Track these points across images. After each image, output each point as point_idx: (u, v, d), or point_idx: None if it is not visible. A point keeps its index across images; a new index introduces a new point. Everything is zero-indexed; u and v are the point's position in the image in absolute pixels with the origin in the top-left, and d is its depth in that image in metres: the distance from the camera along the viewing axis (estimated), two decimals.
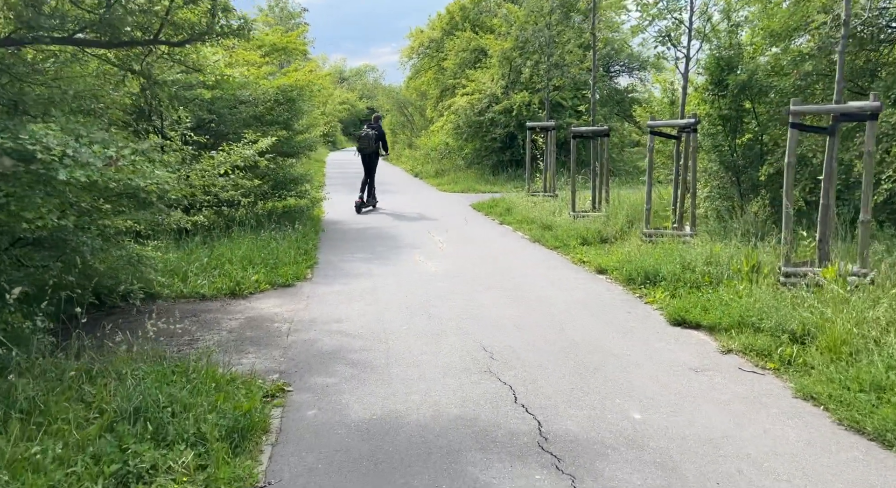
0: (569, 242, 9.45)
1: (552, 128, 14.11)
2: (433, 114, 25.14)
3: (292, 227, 10.75)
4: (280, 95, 10.61)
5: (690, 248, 7.64)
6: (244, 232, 9.64)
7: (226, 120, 9.98)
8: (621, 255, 8.01)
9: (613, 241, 9.52)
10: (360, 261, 8.82)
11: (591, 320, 5.87)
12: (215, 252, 8.25)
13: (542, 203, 13.38)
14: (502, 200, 14.34)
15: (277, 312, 6.34)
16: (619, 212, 10.45)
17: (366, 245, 10.03)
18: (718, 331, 5.33)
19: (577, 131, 11.34)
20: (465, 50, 22.74)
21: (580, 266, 8.27)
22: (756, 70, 8.26)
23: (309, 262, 8.52)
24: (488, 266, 8.29)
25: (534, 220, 11.61)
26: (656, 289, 6.64)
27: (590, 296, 6.70)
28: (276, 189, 11.36)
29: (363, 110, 60.92)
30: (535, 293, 6.88)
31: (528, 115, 18.71)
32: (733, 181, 9.00)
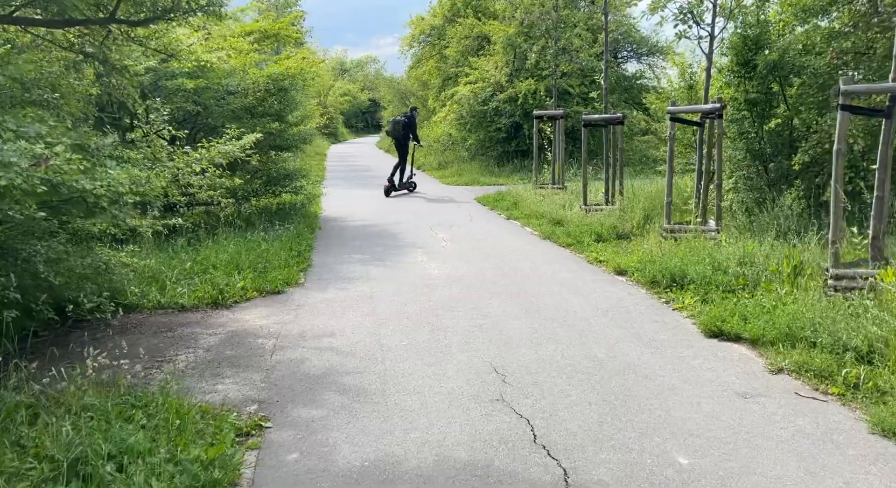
0: (582, 239, 8.76)
1: (560, 116, 13.39)
2: (435, 103, 24.40)
3: (286, 226, 10.10)
4: (271, 85, 9.92)
5: (719, 246, 6.95)
6: (232, 232, 8.99)
7: (213, 112, 9.30)
8: (642, 254, 7.32)
9: (631, 238, 8.82)
10: (357, 262, 8.16)
11: (615, 331, 5.19)
12: (200, 255, 7.60)
13: (551, 196, 12.68)
14: (508, 193, 13.65)
15: (263, 325, 5.68)
16: (634, 206, 9.75)
17: (364, 244, 9.36)
18: (763, 344, 4.65)
19: (588, 119, 10.62)
20: (468, 37, 21.96)
21: (597, 266, 7.58)
22: (787, 48, 7.52)
23: (302, 265, 7.86)
24: (496, 267, 7.62)
25: (543, 215, 10.92)
26: (684, 294, 5.96)
27: (611, 302, 6.02)
28: (269, 185, 10.70)
29: (365, 102, 60.14)
30: (550, 299, 6.20)
31: (533, 103, 17.96)
32: (760, 171, 8.29)
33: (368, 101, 59.01)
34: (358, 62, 71.48)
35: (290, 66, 9.80)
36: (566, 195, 12.59)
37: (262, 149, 10.61)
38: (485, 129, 19.74)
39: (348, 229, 10.77)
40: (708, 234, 7.67)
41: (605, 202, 10.89)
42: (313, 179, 18.65)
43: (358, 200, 14.49)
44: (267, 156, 10.67)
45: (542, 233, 9.70)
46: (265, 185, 10.55)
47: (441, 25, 24.04)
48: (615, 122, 10.44)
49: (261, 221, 9.83)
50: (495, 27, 19.22)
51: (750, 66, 7.91)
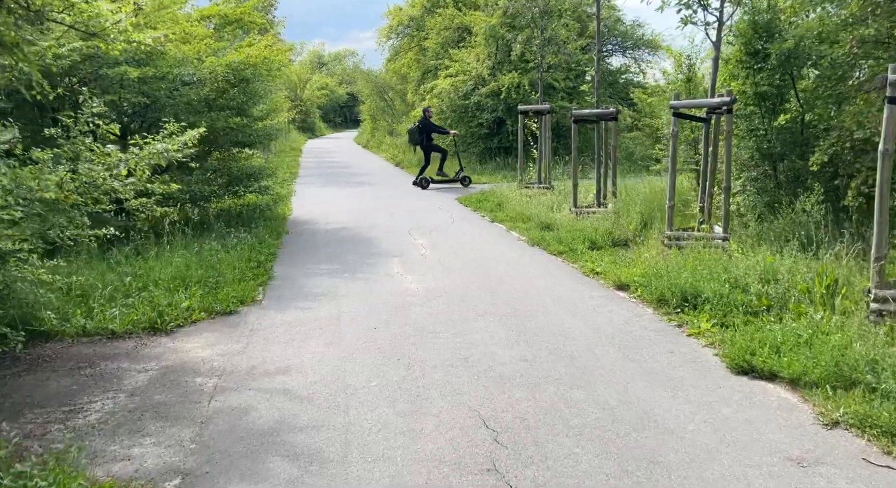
0: (575, 246, 7.96)
1: (547, 111, 12.58)
2: (414, 98, 23.47)
3: (248, 231, 9.16)
4: (231, 75, 8.94)
5: (732, 258, 6.17)
6: (185, 240, 8.03)
7: (164, 105, 8.31)
8: (644, 266, 6.52)
9: (629, 245, 8.03)
10: (325, 274, 7.26)
11: (625, 366, 4.37)
12: (142, 268, 6.65)
13: (538, 196, 11.88)
14: (492, 193, 12.81)
15: (206, 358, 4.77)
16: (630, 209, 8.97)
17: (335, 252, 8.46)
18: (806, 385, 3.86)
19: (579, 115, 9.81)
20: (448, 28, 21.05)
21: (593, 279, 6.77)
22: (804, 36, 6.76)
23: (261, 279, 6.95)
24: (481, 280, 6.78)
25: (530, 218, 10.11)
26: (698, 316, 5.16)
27: (615, 326, 5.21)
28: (231, 185, 9.73)
29: (343, 96, 58.93)
30: (544, 321, 5.37)
31: (517, 97, 17.13)
32: (769, 171, 7.54)
33: (347, 95, 57.82)
34: (336, 55, 70.17)
35: (251, 54, 8.83)
36: (553, 195, 11.79)
37: (221, 146, 9.65)
38: (466, 125, 18.87)
39: (319, 234, 9.85)
40: (714, 242, 6.91)
41: (597, 204, 10.11)
42: (285, 177, 17.68)
43: (332, 200, 13.56)
44: (228, 153, 9.70)
45: (530, 238, 8.88)
46: (226, 186, 9.57)
47: (420, 16, 23.09)
48: (608, 117, 9.64)
49: (219, 226, 8.88)
50: (477, 17, 18.35)
51: (760, 56, 7.14)
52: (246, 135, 9.72)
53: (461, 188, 14.96)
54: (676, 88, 9.38)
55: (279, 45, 9.57)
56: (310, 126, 48.01)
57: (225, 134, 9.41)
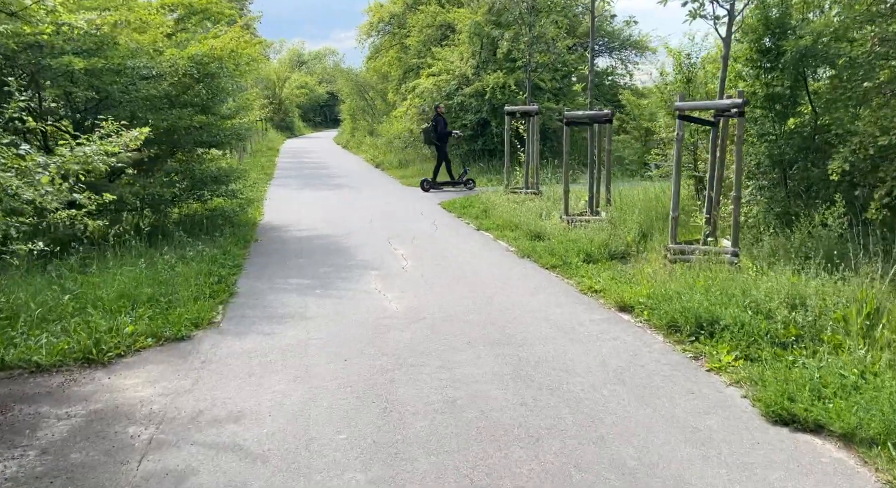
0: (569, 259, 7.31)
1: (535, 112, 11.94)
2: (395, 97, 22.74)
3: (212, 240, 8.40)
4: (193, 69, 8.16)
5: (746, 276, 5.56)
6: (141, 248, 7.25)
7: (117, 101, 7.51)
8: (649, 285, 5.88)
9: (627, 258, 7.41)
10: (295, 291, 6.53)
11: (640, 412, 3.71)
12: (86, 285, 5.86)
13: (525, 202, 11.24)
14: (477, 198, 12.14)
15: (145, 398, 4.03)
16: (627, 218, 8.35)
17: (307, 264, 7.72)
18: (863, 442, 3.23)
19: (572, 116, 9.18)
20: (430, 26, 20.35)
21: (592, 297, 6.12)
22: (822, 32, 6.18)
23: (222, 296, 6.20)
24: (468, 298, 6.09)
25: (518, 226, 9.46)
26: (717, 346, 4.53)
27: (623, 358, 4.55)
28: (194, 189, 8.94)
29: (323, 95, 57.90)
30: (541, 350, 4.70)
31: (502, 98, 16.48)
32: (779, 179, 6.97)
33: (327, 95, 56.82)
34: (316, 54, 69.13)
35: (215, 47, 8.05)
36: (542, 201, 11.16)
37: (184, 146, 8.86)
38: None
39: (291, 242, 9.10)
40: (723, 256, 6.30)
41: (590, 211, 9.48)
42: (259, 178, 16.88)
43: (308, 204, 12.80)
44: (191, 154, 8.91)
45: (519, 249, 8.21)
46: (189, 190, 8.78)
47: (402, 13, 22.35)
48: (602, 119, 9.02)
49: (180, 234, 8.08)
50: (461, 15, 17.67)
51: (772, 54, 6.56)
52: (212, 135, 8.94)
53: (445, 192, 14.28)
54: (675, 89, 8.78)
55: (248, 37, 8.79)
56: (288, 125, 47.00)
57: (188, 133, 8.63)
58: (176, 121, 8.16)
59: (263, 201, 13.13)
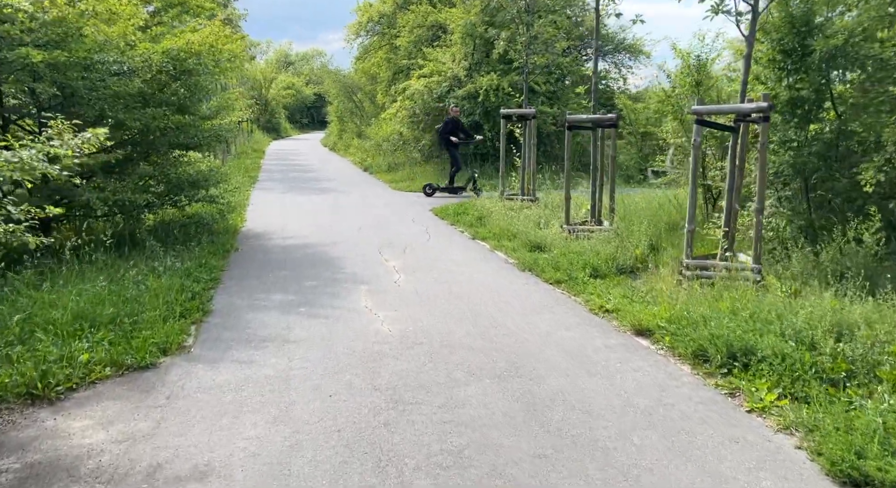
0: (574, 273, 6.78)
1: (532, 115, 11.43)
2: (384, 99, 22.15)
3: (188, 249, 7.77)
4: (169, 65, 7.53)
5: (771, 296, 5.05)
6: (108, 258, 6.62)
7: (84, 98, 6.87)
8: (667, 305, 5.35)
9: (637, 273, 6.90)
10: (276, 308, 5.93)
11: (681, 467, 3.16)
12: (40, 303, 5.22)
13: (522, 209, 10.71)
14: (472, 205, 11.60)
15: (94, 447, 3.42)
16: (634, 229, 7.83)
17: (292, 276, 7.12)
18: None
19: (574, 120, 8.65)
20: (421, 26, 19.80)
21: (604, 318, 5.57)
22: (853, 31, 5.70)
23: (196, 315, 5.58)
24: (468, 318, 5.53)
25: (516, 235, 8.92)
26: (755, 381, 4.00)
27: (648, 393, 4.01)
28: (170, 194, 8.30)
29: (311, 96, 57.14)
30: (555, 385, 4.15)
31: (496, 101, 15.98)
32: (802, 189, 6.48)
33: (314, 96, 56.10)
34: (304, 55, 68.39)
35: (193, 41, 7.43)
36: (539, 209, 10.63)
37: (158, 149, 8.22)
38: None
39: (274, 251, 8.49)
40: (745, 274, 5.79)
41: (592, 221, 8.96)
42: (242, 182, 16.21)
43: (293, 209, 12.18)
44: (167, 157, 8.27)
45: (519, 261, 7.66)
46: (164, 195, 8.14)
47: (392, 13, 21.78)
48: (606, 123, 8.50)
49: (153, 244, 7.45)
50: (453, 14, 17.13)
51: (797, 55, 6.07)
52: (189, 137, 8.31)
53: (434, 197, 13.71)
54: (683, 92, 8.29)
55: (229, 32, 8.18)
56: (275, 126, 46.21)
57: (163, 134, 8.00)
58: (150, 121, 7.53)
59: (246, 206, 12.49)
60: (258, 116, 43.75)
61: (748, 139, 6.07)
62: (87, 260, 6.48)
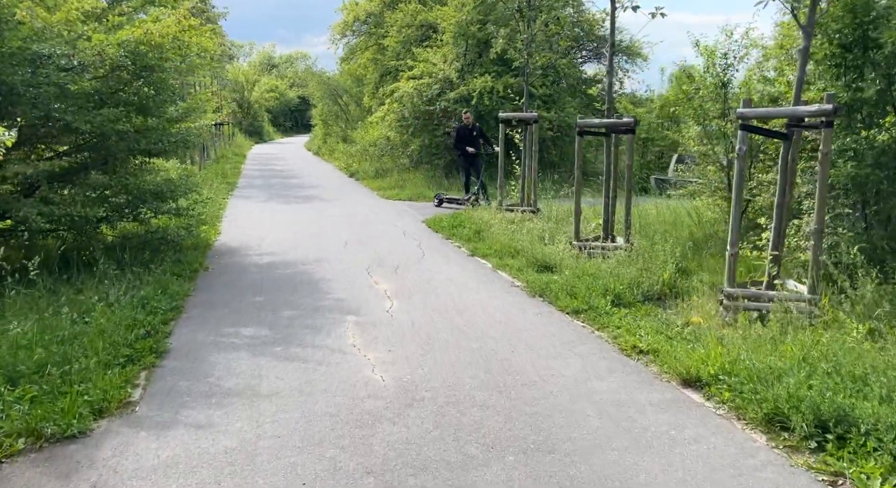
0: (594, 301, 5.88)
1: (534, 120, 10.55)
2: (371, 102, 21.19)
3: (149, 270, 6.77)
4: (127, 59, 6.54)
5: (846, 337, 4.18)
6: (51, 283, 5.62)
7: (24, 98, 5.86)
8: (719, 349, 4.44)
9: (664, 301, 6.02)
10: (247, 346, 4.95)
11: None
12: None
13: (524, 222, 9.81)
14: (468, 217, 10.68)
15: None
16: (658, 249, 6.94)
17: (267, 303, 6.15)
18: None
19: (586, 125, 7.77)
20: (410, 26, 18.88)
21: (640, 362, 4.66)
22: None
23: (147, 358, 4.60)
24: (477, 361, 4.60)
25: (520, 251, 8.02)
26: (861, 462, 3.11)
27: (722, 481, 3.09)
28: (130, 207, 7.29)
29: (294, 99, 55.97)
30: (601, 466, 3.22)
31: (490, 104, 15.09)
32: (860, 205, 5.63)
33: (298, 99, 54.95)
34: (287, 57, 67.16)
35: (151, 31, 6.45)
36: (542, 221, 9.73)
37: (116, 155, 7.21)
38: (430, 133, 16.72)
39: (249, 271, 7.50)
40: (799, 306, 4.92)
41: (605, 237, 8.06)
42: (219, 189, 15.18)
43: (273, 220, 11.19)
44: (125, 164, 7.26)
45: (528, 284, 6.75)
46: (122, 208, 7.14)
47: (379, 12, 20.84)
48: (623, 128, 7.63)
49: (108, 264, 6.44)
50: (445, 13, 16.22)
51: (859, 49, 5.23)
52: (152, 142, 7.30)
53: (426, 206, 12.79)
54: (707, 95, 7.44)
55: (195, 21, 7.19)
56: (258, 130, 45.08)
57: (123, 139, 6.99)
58: (105, 124, 6.54)
59: (222, 216, 11.48)
60: (240, 120, 42.59)
61: (804, 147, 5.21)
62: (24, 286, 5.45)
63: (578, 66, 20.01)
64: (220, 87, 30.50)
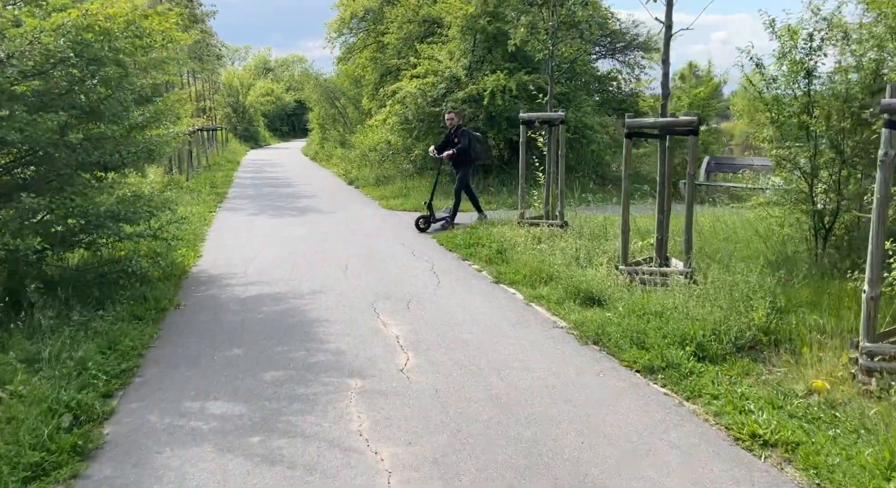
0: (670, 353, 4.51)
1: (560, 120, 9.18)
2: (371, 104, 19.81)
3: (104, 310, 5.40)
4: (69, 50, 5.16)
5: None
6: None
7: None
8: (888, 446, 3.06)
9: (760, 350, 4.63)
10: (212, 437, 3.57)
11: None
12: None
13: (552, 238, 8.44)
14: (485, 232, 9.30)
15: None
16: (739, 279, 5.53)
17: (246, 359, 4.76)
18: None
19: (636, 125, 6.37)
20: (412, 21, 17.51)
21: (772, 464, 3.27)
22: None
23: (62, 470, 3.21)
24: (536, 467, 3.22)
25: (553, 277, 6.69)
26: None
27: None
28: (78, 234, 5.91)
29: (291, 103, 54.56)
30: None
31: (502, 104, 13.71)
32: None
33: (295, 103, 53.55)
34: (283, 61, 65.88)
35: (93, 13, 5.06)
36: (572, 238, 8.34)
37: (60, 170, 5.82)
38: (436, 137, 15.30)
39: (229, 310, 6.12)
40: None
41: (659, 259, 6.67)
42: (208, 200, 13.80)
43: (264, 237, 9.80)
44: (72, 182, 5.86)
45: (574, 325, 5.37)
46: (70, 235, 5.75)
47: (378, 7, 19.46)
48: (682, 129, 6.24)
49: (45, 311, 5.06)
50: (451, 6, 14.83)
51: None
52: (106, 153, 5.92)
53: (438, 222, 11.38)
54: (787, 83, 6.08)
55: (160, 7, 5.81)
56: (253, 135, 43.65)
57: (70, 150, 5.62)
58: (40, 132, 5.16)
59: (205, 234, 10.10)
60: (235, 124, 41.17)
61: None
62: None
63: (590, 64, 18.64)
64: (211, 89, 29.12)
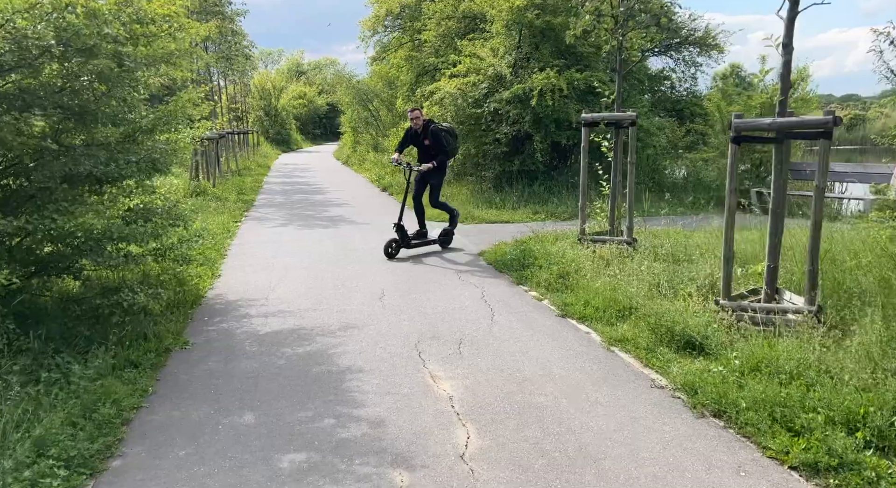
0: (833, 439, 3.24)
1: (630, 121, 7.93)
2: (406, 106, 18.73)
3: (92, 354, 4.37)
4: (49, 35, 4.16)
5: None
6: None
7: None
8: None
9: None
10: None
11: None
12: None
13: (622, 259, 7.20)
14: (540, 248, 8.07)
15: None
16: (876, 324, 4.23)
17: (257, 433, 3.65)
18: None
19: (746, 126, 5.08)
20: (451, 17, 16.39)
21: None
22: None
23: None
24: None
25: (632, 309, 5.51)
26: None
27: None
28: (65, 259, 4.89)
29: (323, 106, 54.05)
30: None
31: (553, 105, 12.47)
32: None
33: (327, 106, 53.01)
34: (316, 64, 65.51)
35: None
36: (647, 259, 7.09)
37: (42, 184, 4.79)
38: (477, 140, 14.17)
39: (244, 353, 5.03)
40: None
41: (772, 294, 5.36)
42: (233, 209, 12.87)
43: (290, 254, 8.75)
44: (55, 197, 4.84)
45: (682, 387, 4.15)
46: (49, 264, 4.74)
47: (415, 4, 18.40)
48: (810, 131, 4.94)
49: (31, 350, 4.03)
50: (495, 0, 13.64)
51: None
52: (99, 162, 4.88)
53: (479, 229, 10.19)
54: None
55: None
56: (285, 138, 43.13)
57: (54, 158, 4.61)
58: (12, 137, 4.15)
59: (226, 249, 9.11)
60: (267, 128, 40.62)
61: None
62: None
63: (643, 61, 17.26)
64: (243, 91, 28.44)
